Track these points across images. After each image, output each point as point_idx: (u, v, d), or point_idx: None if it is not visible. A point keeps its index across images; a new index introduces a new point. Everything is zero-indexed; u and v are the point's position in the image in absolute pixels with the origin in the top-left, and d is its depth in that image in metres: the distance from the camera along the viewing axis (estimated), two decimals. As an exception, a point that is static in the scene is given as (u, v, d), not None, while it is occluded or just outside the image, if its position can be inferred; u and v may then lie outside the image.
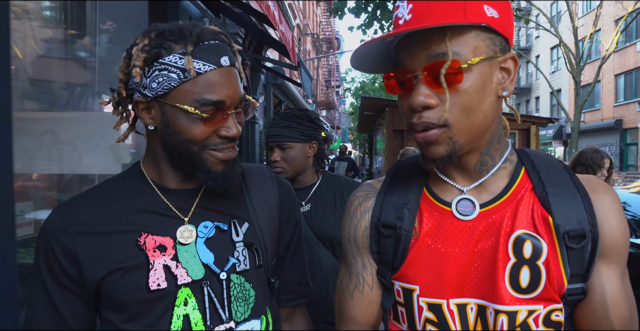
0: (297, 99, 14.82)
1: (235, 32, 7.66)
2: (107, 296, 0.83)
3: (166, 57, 0.79)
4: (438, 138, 0.73)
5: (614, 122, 21.65)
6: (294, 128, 1.68)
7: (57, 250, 0.82)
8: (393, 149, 9.13)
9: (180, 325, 0.83)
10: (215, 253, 0.88)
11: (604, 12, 21.20)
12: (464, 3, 0.69)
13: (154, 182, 0.89)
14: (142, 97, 0.82)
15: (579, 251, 0.73)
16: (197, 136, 0.82)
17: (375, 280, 0.86)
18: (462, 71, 0.68)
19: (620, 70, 21.82)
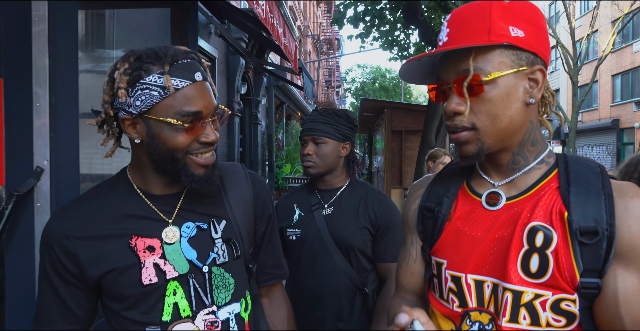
0: (299, 100, 15.00)
1: (239, 37, 7.88)
2: (106, 289, 0.95)
3: (146, 78, 0.88)
4: (468, 139, 0.85)
5: (611, 121, 21.74)
6: (331, 124, 1.68)
7: (59, 252, 0.93)
8: (392, 149, 9.31)
9: (171, 311, 0.96)
10: (197, 250, 0.99)
11: (601, 13, 21.32)
12: (490, 26, 0.80)
13: (139, 189, 0.99)
14: (127, 114, 0.91)
15: (592, 247, 0.77)
16: (180, 144, 0.91)
17: (419, 254, 1.01)
18: (483, 83, 0.80)
19: (617, 70, 21.94)
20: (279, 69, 9.50)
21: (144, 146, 0.93)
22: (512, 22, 0.81)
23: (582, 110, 24.12)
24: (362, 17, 6.96)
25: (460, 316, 0.87)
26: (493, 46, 0.80)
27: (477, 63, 0.81)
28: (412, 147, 9.01)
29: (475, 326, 0.85)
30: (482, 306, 0.85)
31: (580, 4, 24.53)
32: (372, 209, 1.65)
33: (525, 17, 0.82)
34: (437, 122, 6.98)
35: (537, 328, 0.79)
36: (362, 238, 1.62)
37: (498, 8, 0.81)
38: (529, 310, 0.79)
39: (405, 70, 0.90)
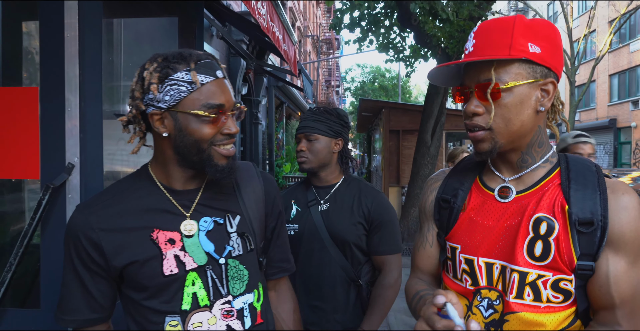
0: (298, 100, 15.15)
1: (240, 39, 8.06)
2: (129, 279, 1.00)
3: (175, 74, 0.95)
4: (484, 137, 0.95)
5: (608, 121, 21.91)
6: (322, 122, 1.74)
7: (85, 243, 0.97)
8: (389, 148, 9.44)
9: (190, 300, 1.01)
10: (215, 243, 1.04)
11: (598, 14, 21.45)
12: (511, 41, 0.90)
13: (161, 184, 1.04)
14: (156, 109, 0.97)
15: (588, 235, 0.88)
16: (206, 135, 0.97)
17: (434, 240, 1.13)
18: (501, 91, 0.91)
19: (614, 70, 22.09)
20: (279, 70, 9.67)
21: (171, 140, 0.99)
22: (531, 39, 0.91)
23: (579, 109, 24.27)
24: (358, 22, 7.16)
25: (472, 293, 0.99)
26: (512, 60, 0.91)
27: (497, 73, 0.92)
28: (409, 146, 9.12)
29: (485, 302, 0.97)
30: (492, 285, 0.97)
31: (578, 4, 24.67)
32: (366, 205, 1.72)
33: (543, 35, 0.92)
34: (433, 122, 7.15)
35: (539, 303, 0.91)
36: (356, 233, 1.70)
37: (520, 25, 0.92)
38: (532, 288, 0.91)
39: (433, 74, 1.02)
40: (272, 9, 2.72)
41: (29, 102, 1.46)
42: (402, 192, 9.00)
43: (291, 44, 3.42)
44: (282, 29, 3.04)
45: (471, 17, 6.39)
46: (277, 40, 2.73)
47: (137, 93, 0.98)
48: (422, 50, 7.70)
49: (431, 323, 0.80)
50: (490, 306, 0.96)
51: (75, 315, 1.00)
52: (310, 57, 24.24)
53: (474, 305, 0.99)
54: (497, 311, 0.95)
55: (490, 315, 0.96)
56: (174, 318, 1.00)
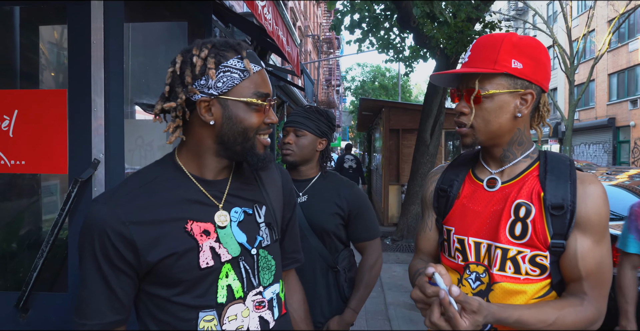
0: (299, 100, 15.26)
1: (242, 40, 8.18)
2: (162, 274, 0.94)
3: (227, 61, 0.95)
4: (466, 133, 1.13)
5: (607, 120, 22.03)
6: (312, 120, 1.83)
7: (115, 238, 0.90)
8: (389, 147, 9.54)
9: (225, 293, 0.98)
10: (247, 233, 1.04)
11: (597, 13, 21.53)
12: (497, 57, 1.07)
13: (191, 174, 1.01)
14: (206, 96, 0.95)
15: (560, 218, 1.04)
16: (254, 123, 0.98)
17: (433, 225, 1.29)
18: (482, 97, 1.08)
19: (614, 69, 22.22)
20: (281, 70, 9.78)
21: (215, 128, 0.98)
22: (515, 56, 1.07)
23: (578, 108, 24.33)
24: (358, 23, 7.29)
25: (463, 268, 1.15)
26: (495, 73, 1.08)
27: (482, 83, 1.09)
28: (408, 145, 9.22)
29: (473, 275, 1.13)
30: (479, 261, 1.13)
31: (577, 4, 24.75)
32: (344, 197, 1.83)
33: (527, 53, 1.08)
34: (432, 121, 7.27)
35: (519, 276, 1.07)
36: (334, 222, 1.81)
37: (507, 43, 1.07)
38: (513, 262, 1.07)
39: (434, 77, 1.21)
40: (277, 13, 2.85)
41: (58, 103, 1.59)
42: (401, 190, 9.12)
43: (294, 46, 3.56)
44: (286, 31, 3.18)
45: (469, 19, 6.52)
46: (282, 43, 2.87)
47: (188, 79, 0.95)
48: (421, 51, 7.83)
49: (423, 289, 0.96)
50: (477, 278, 1.12)
51: (98, 318, 0.92)
52: (310, 57, 24.35)
53: (464, 277, 1.15)
54: (483, 283, 1.11)
55: (477, 287, 1.12)
56: (209, 313, 0.97)
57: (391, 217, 9.50)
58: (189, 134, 1.01)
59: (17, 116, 1.61)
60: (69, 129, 1.60)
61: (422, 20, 5.76)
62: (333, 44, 31.36)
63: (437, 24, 6.06)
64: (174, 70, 0.97)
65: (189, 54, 0.96)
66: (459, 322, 0.90)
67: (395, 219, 9.30)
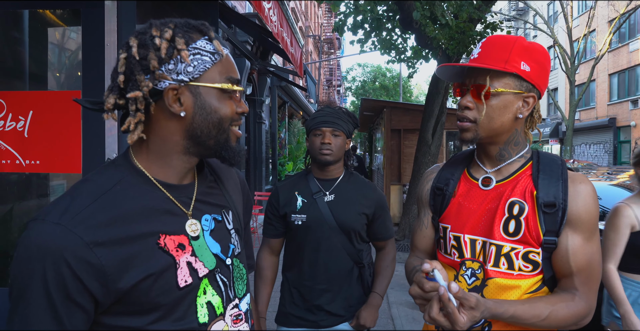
0: (300, 100, 15.30)
1: (244, 40, 8.23)
2: (135, 301, 0.79)
3: (196, 43, 0.82)
4: (469, 128, 1.14)
5: (608, 120, 22.02)
6: (344, 121, 1.88)
7: (77, 266, 0.72)
8: (391, 147, 9.55)
9: (206, 312, 0.87)
10: (220, 242, 0.93)
11: (598, 13, 21.55)
12: (508, 57, 1.09)
13: (155, 179, 0.87)
14: (175, 83, 0.81)
15: (552, 215, 1.08)
16: (230, 112, 0.87)
17: (429, 222, 1.31)
18: (491, 94, 1.10)
19: (614, 69, 22.20)
20: (283, 70, 9.81)
21: (185, 121, 0.84)
22: (524, 59, 1.10)
23: (579, 108, 24.35)
24: (361, 24, 7.33)
25: (459, 264, 1.18)
26: (505, 72, 1.10)
27: (491, 80, 1.11)
28: (410, 145, 9.24)
29: (469, 271, 1.16)
30: (474, 257, 1.16)
31: (578, 4, 24.77)
32: (370, 197, 1.90)
33: (535, 58, 1.11)
34: (434, 121, 7.30)
35: (512, 271, 1.10)
36: (361, 222, 1.86)
37: (519, 46, 1.10)
38: (506, 258, 1.10)
39: (441, 70, 1.21)
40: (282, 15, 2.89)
41: (72, 105, 1.63)
42: (403, 189, 9.15)
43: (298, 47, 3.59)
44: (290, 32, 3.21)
45: (471, 19, 6.54)
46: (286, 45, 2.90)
47: (153, 63, 0.80)
48: (422, 52, 7.85)
49: (421, 285, 0.98)
50: (473, 274, 1.15)
51: None
52: (311, 57, 24.39)
53: (460, 274, 1.18)
54: (478, 279, 1.14)
55: (473, 282, 1.15)
56: None
57: (393, 217, 9.48)
58: (151, 131, 0.86)
59: (32, 117, 1.64)
60: (82, 129, 1.63)
61: (424, 22, 5.79)
62: (334, 44, 31.40)
63: (438, 26, 6.09)
64: (128, 55, 0.82)
65: (147, 35, 0.81)
66: (457, 318, 0.92)
67: (396, 219, 9.32)
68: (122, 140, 1.63)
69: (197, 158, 0.91)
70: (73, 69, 2.69)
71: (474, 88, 1.13)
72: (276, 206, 1.91)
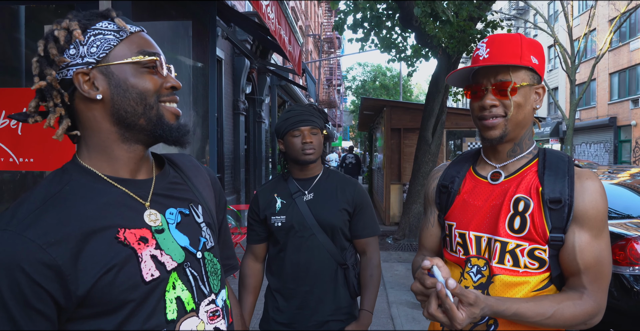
0: (300, 99, 15.29)
1: (244, 39, 8.21)
2: (100, 301, 0.76)
3: (97, 24, 0.82)
4: (498, 124, 1.14)
5: (608, 119, 22.04)
6: (318, 117, 1.84)
7: (32, 270, 0.70)
8: (391, 146, 9.54)
9: (175, 308, 0.84)
10: (189, 235, 0.91)
11: (598, 13, 21.54)
12: (521, 52, 1.13)
13: (104, 175, 0.84)
14: (82, 67, 0.80)
15: (558, 211, 1.07)
16: (150, 86, 0.84)
17: (436, 220, 1.33)
18: (517, 89, 1.12)
19: (614, 68, 22.21)
20: (283, 69, 9.80)
21: (106, 104, 0.83)
22: (533, 53, 1.14)
23: (579, 108, 24.37)
24: (361, 23, 7.32)
25: (464, 261, 1.18)
26: (522, 67, 1.13)
27: (512, 75, 1.13)
28: (410, 145, 9.24)
29: (474, 268, 1.16)
30: (480, 254, 1.16)
31: (578, 3, 24.76)
32: (349, 192, 1.85)
33: (538, 52, 1.16)
34: (434, 121, 7.29)
35: (517, 269, 1.09)
36: (342, 219, 1.81)
37: (526, 41, 1.14)
38: (511, 255, 1.10)
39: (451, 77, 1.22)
40: (280, 13, 2.87)
41: (66, 101, 1.61)
42: (403, 189, 9.14)
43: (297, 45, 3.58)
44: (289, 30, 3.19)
45: (471, 18, 6.53)
46: (283, 42, 2.88)
47: (52, 51, 0.79)
48: (423, 50, 7.84)
49: (422, 281, 0.98)
50: (478, 271, 1.15)
51: None
52: (311, 56, 24.38)
53: (466, 271, 1.18)
54: (484, 276, 1.14)
55: (478, 280, 1.15)
56: None
57: (393, 216, 9.52)
58: (80, 125, 0.85)
59: (25, 114, 1.62)
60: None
61: (424, 20, 5.78)
62: (334, 43, 31.39)
63: (439, 23, 6.08)
64: (38, 57, 0.82)
65: (49, 33, 0.82)
66: (455, 314, 0.92)
67: (396, 218, 9.31)
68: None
69: (140, 147, 0.88)
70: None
71: (496, 86, 1.13)
72: (256, 210, 1.87)
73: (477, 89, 1.17)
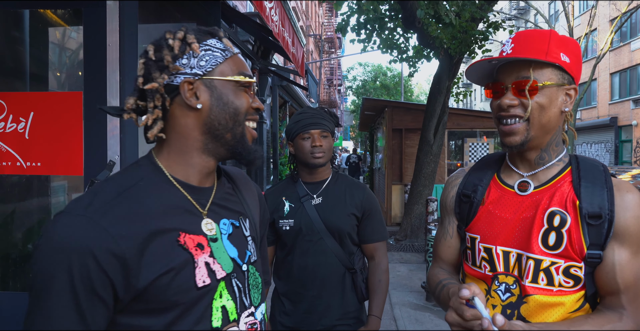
0: (301, 100, 15.29)
1: (245, 39, 8.20)
2: (153, 299, 0.79)
3: (208, 40, 0.89)
4: (519, 130, 1.04)
5: (609, 119, 21.97)
6: (328, 121, 1.84)
7: (102, 258, 0.73)
8: (392, 147, 9.55)
9: (221, 316, 0.87)
10: (238, 247, 0.95)
11: (599, 12, 21.53)
12: (548, 48, 1.02)
13: (174, 178, 0.89)
14: (190, 77, 0.86)
15: (597, 227, 0.99)
16: (245, 103, 0.91)
17: (455, 231, 1.23)
18: (538, 88, 1.03)
19: (615, 68, 22.16)
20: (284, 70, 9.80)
21: (203, 114, 0.88)
22: (563, 50, 1.04)
23: (580, 107, 24.32)
24: (364, 24, 7.32)
25: (491, 278, 1.10)
26: (547, 64, 1.04)
27: (533, 73, 1.03)
28: (411, 145, 9.24)
29: (502, 286, 1.07)
30: (508, 271, 1.07)
31: (579, 3, 24.73)
32: (358, 197, 1.84)
33: (572, 50, 1.06)
34: (435, 121, 7.29)
35: (552, 287, 1.01)
36: (350, 223, 1.81)
37: (555, 37, 1.05)
38: (546, 273, 1.02)
39: (470, 71, 1.12)
40: (284, 15, 2.87)
41: (74, 105, 1.61)
42: (404, 189, 9.13)
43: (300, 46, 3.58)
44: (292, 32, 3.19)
45: (473, 18, 6.53)
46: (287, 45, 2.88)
47: (167, 58, 0.85)
48: (424, 51, 7.84)
49: (460, 312, 0.92)
50: (507, 290, 1.07)
51: None
52: (312, 57, 24.38)
53: (492, 289, 1.10)
54: (513, 295, 1.06)
55: (507, 298, 1.07)
56: None
57: (394, 217, 9.51)
58: (170, 128, 0.90)
59: (33, 118, 1.62)
60: (84, 131, 1.61)
61: (427, 21, 5.78)
62: (335, 43, 31.37)
63: (441, 25, 6.08)
64: (146, 59, 0.87)
65: (161, 41, 0.88)
66: None
67: (398, 219, 9.31)
68: (124, 141, 1.61)
69: (215, 160, 0.93)
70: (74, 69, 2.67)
71: (515, 85, 1.05)
72: None
73: (497, 87, 1.09)
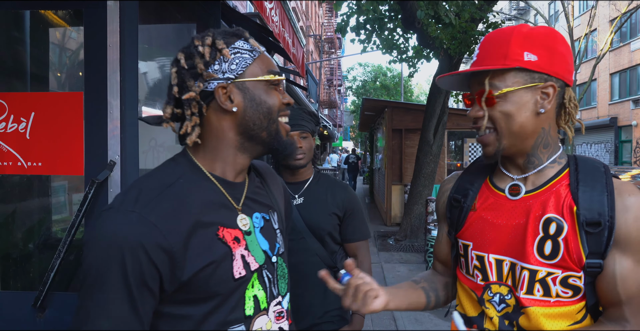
0: (301, 99, 15.31)
1: (245, 40, 8.22)
2: (195, 289, 0.83)
3: (235, 43, 0.91)
4: (489, 141, 1.00)
5: (609, 119, 22.01)
6: (308, 121, 1.84)
7: (153, 252, 0.77)
8: (392, 147, 9.55)
9: (253, 305, 0.92)
10: (269, 240, 0.99)
11: (599, 13, 21.54)
12: (507, 52, 0.95)
13: (212, 175, 0.92)
14: (223, 82, 0.89)
15: (596, 235, 0.92)
16: (277, 101, 0.94)
17: (444, 237, 1.21)
18: (494, 98, 0.97)
19: (615, 69, 22.20)
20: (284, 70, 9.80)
21: (238, 116, 0.91)
22: (527, 48, 0.95)
23: (580, 108, 24.34)
24: (364, 25, 7.32)
25: (483, 288, 1.04)
26: (508, 69, 0.97)
27: (493, 81, 0.97)
28: (411, 145, 9.25)
29: (497, 297, 1.02)
30: (501, 280, 1.02)
31: (579, 4, 24.74)
32: (339, 196, 1.85)
33: (541, 44, 0.96)
34: (435, 121, 7.29)
35: (548, 298, 0.95)
36: (332, 223, 1.82)
37: (518, 36, 0.96)
38: (542, 284, 0.95)
39: (442, 81, 1.09)
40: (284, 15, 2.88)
41: (74, 106, 1.61)
42: (404, 190, 9.14)
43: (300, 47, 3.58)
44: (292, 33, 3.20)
45: (473, 19, 6.53)
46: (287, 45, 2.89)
47: (200, 66, 0.88)
48: (424, 51, 7.85)
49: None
50: (502, 301, 1.02)
51: None
52: (312, 57, 24.38)
53: (486, 299, 1.05)
54: (509, 305, 1.01)
55: (503, 309, 1.02)
56: (238, 327, 0.89)
57: (394, 217, 9.52)
58: (206, 132, 0.93)
59: (33, 118, 1.63)
60: (85, 131, 1.62)
61: (427, 21, 5.79)
62: (334, 43, 31.37)
63: (441, 25, 6.09)
64: (178, 68, 0.90)
65: (191, 48, 0.90)
66: None
67: (398, 219, 9.32)
68: (125, 141, 1.62)
69: (251, 157, 0.97)
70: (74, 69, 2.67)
71: (478, 95, 1.00)
72: None
73: (467, 98, 1.05)
